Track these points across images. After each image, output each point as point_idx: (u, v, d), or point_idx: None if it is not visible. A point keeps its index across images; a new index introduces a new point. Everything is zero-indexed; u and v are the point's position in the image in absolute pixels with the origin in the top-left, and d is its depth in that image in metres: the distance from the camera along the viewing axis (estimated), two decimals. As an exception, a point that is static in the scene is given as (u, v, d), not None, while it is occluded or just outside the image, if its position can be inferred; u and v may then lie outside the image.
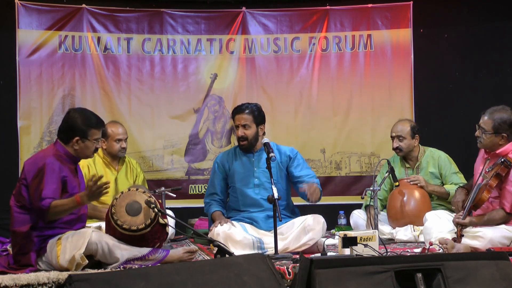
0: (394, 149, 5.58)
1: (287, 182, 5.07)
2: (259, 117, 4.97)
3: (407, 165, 5.63)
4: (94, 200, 4.14)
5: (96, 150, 4.23)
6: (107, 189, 3.96)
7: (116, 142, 5.52)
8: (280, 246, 4.50)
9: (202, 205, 5.18)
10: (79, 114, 4.18)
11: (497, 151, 4.57)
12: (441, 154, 5.60)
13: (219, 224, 4.70)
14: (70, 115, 4.20)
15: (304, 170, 5.02)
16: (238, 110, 4.99)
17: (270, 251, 4.50)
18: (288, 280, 3.73)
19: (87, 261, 3.91)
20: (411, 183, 5.38)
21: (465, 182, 5.43)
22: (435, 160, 5.56)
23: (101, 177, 3.96)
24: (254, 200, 4.93)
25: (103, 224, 4.35)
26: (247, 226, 4.80)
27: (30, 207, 4.00)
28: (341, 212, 6.17)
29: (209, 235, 4.70)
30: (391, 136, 5.60)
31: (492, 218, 4.45)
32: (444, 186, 5.51)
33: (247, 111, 4.94)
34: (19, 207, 4.05)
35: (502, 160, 4.42)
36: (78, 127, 4.11)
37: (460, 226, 4.39)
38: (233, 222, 4.78)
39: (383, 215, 5.53)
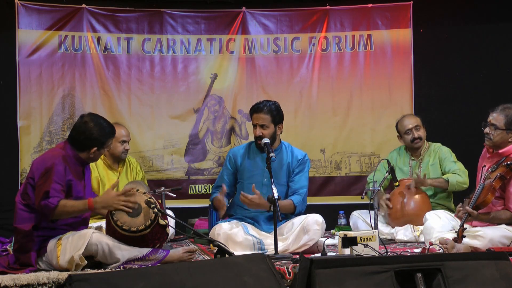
0: (415, 139, 5.62)
1: None
2: (277, 117, 4.91)
3: (412, 158, 5.68)
4: (104, 211, 4.14)
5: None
6: (123, 206, 4.02)
7: (120, 144, 5.53)
8: (280, 247, 4.50)
9: (202, 205, 5.21)
10: (97, 126, 4.16)
11: (500, 151, 4.56)
12: (442, 147, 5.69)
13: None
14: (88, 126, 4.15)
15: (296, 178, 4.96)
16: (256, 109, 4.91)
17: (270, 251, 4.49)
18: (288, 280, 3.73)
19: (86, 262, 3.92)
20: (409, 187, 5.39)
21: (464, 169, 5.44)
22: (436, 153, 5.64)
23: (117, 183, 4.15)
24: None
25: (104, 224, 4.35)
26: (249, 226, 4.79)
27: (35, 207, 4.01)
28: (341, 212, 6.17)
29: (210, 235, 4.70)
30: (408, 129, 5.64)
31: (498, 216, 4.45)
32: (443, 176, 5.51)
33: (265, 109, 4.87)
34: (24, 205, 4.06)
35: (508, 163, 4.39)
36: (97, 139, 4.15)
37: (462, 227, 4.38)
38: (235, 222, 4.78)
39: (382, 215, 5.54)
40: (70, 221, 4.11)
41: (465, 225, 4.40)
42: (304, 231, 4.66)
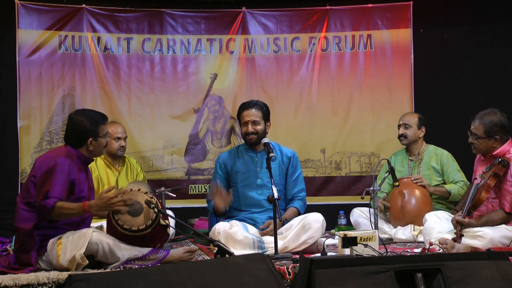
0: (399, 136, 5.69)
1: None
2: (267, 114, 4.97)
3: (410, 158, 5.69)
4: (102, 213, 4.14)
5: (106, 144, 4.29)
6: (119, 206, 4.00)
7: (115, 141, 5.53)
8: (280, 245, 4.50)
9: (202, 205, 5.20)
10: (84, 117, 4.20)
11: (494, 153, 4.57)
12: (444, 152, 5.69)
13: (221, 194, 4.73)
14: (75, 120, 4.18)
15: (293, 181, 5.00)
16: (246, 106, 4.95)
17: (270, 250, 4.49)
18: (288, 280, 3.73)
19: (87, 262, 3.91)
20: (414, 181, 5.40)
21: (466, 181, 5.46)
22: (438, 157, 5.64)
23: (113, 187, 4.07)
24: (256, 200, 4.91)
25: (104, 224, 4.35)
26: (249, 226, 4.79)
27: (35, 205, 4.01)
28: (341, 212, 6.17)
29: (210, 234, 4.70)
30: (398, 125, 5.72)
31: (491, 219, 4.45)
32: (445, 185, 5.53)
33: (256, 107, 4.92)
34: (25, 204, 4.05)
35: (500, 160, 4.42)
36: (88, 129, 4.15)
37: (460, 226, 4.38)
38: (235, 221, 4.78)
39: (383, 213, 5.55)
40: (71, 220, 4.11)
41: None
42: (304, 229, 4.66)
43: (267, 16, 7.00)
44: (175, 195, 5.56)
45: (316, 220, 4.69)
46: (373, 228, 4.67)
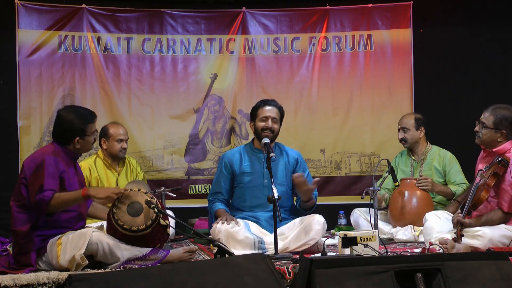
0: (400, 140, 5.72)
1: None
2: (282, 118, 5.02)
3: (413, 158, 5.71)
4: (99, 198, 4.14)
5: (94, 141, 4.29)
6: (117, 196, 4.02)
7: (118, 142, 5.54)
8: (280, 245, 4.50)
9: (202, 205, 5.19)
10: (73, 114, 4.18)
11: (495, 149, 4.58)
12: (447, 153, 5.70)
13: (222, 222, 4.67)
14: (64, 117, 4.18)
15: (307, 178, 4.99)
16: (269, 103, 4.98)
17: (271, 251, 4.49)
18: (288, 280, 3.73)
19: (87, 262, 3.91)
20: (417, 184, 5.38)
21: (468, 183, 5.46)
22: (441, 158, 5.65)
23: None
24: (262, 201, 4.87)
25: (105, 224, 4.35)
26: (251, 224, 4.78)
27: (30, 205, 4.01)
28: (341, 212, 6.17)
29: (211, 232, 4.70)
30: (398, 129, 5.74)
31: (490, 219, 4.45)
32: (449, 186, 5.53)
33: (276, 107, 4.97)
34: (19, 207, 4.05)
35: (499, 159, 4.43)
36: (77, 128, 4.14)
37: (460, 226, 4.39)
38: (237, 220, 4.77)
39: (383, 214, 5.54)
40: (66, 216, 4.10)
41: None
42: (305, 231, 4.66)
43: (267, 16, 7.00)
44: (175, 195, 5.56)
45: (317, 222, 4.69)
46: (373, 228, 4.66)
